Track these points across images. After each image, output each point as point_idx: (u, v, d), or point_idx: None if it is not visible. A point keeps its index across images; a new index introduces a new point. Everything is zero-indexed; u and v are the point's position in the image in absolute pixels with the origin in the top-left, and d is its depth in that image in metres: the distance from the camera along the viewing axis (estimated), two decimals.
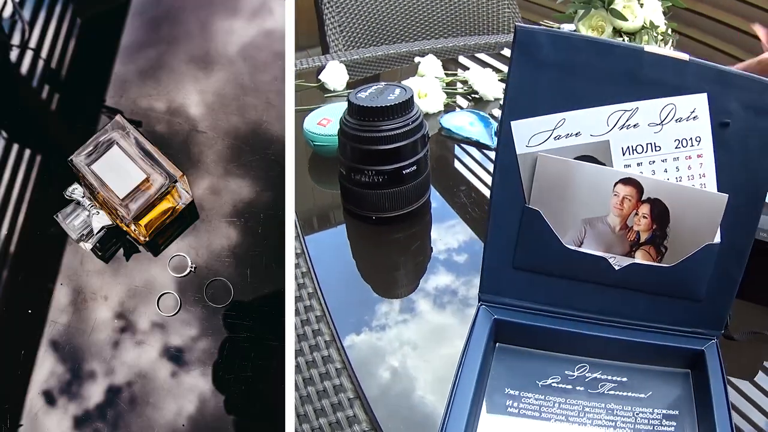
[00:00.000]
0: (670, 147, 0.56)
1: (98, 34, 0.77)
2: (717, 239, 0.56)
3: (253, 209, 0.69)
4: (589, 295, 0.58)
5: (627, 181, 0.56)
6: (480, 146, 0.94)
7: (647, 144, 0.56)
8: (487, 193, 0.79)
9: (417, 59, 1.11)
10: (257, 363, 0.64)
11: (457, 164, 0.95)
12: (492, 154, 0.91)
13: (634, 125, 0.55)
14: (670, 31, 1.00)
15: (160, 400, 0.62)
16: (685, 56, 0.53)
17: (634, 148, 0.56)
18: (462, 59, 1.24)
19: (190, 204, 0.68)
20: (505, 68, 1.13)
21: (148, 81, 0.74)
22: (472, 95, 1.07)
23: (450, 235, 0.78)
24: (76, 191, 0.66)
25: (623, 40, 0.97)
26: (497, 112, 1.02)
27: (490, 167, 0.88)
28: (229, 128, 0.72)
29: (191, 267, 0.66)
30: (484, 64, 1.18)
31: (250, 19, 0.77)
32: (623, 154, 0.56)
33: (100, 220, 0.65)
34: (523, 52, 0.54)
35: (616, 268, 0.57)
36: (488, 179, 0.86)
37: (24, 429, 0.61)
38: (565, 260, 0.58)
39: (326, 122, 0.89)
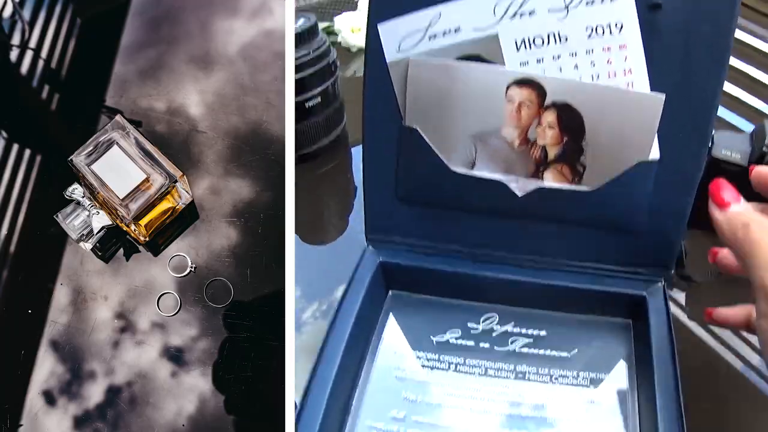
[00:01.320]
0: (580, 37, 0.43)
1: (98, 34, 0.77)
2: (655, 154, 0.44)
3: (253, 209, 0.69)
4: (494, 228, 0.47)
5: (522, 83, 0.44)
6: None
7: (549, 34, 0.44)
8: None
9: None
10: (257, 363, 0.64)
11: None
12: None
13: (530, 12, 0.43)
14: None
15: (160, 400, 0.62)
16: None
17: (531, 40, 0.44)
18: None
19: (190, 204, 0.68)
20: None
21: (148, 81, 0.74)
22: None
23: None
24: (76, 191, 0.66)
25: None
26: None
27: None
28: (229, 128, 0.72)
29: (191, 267, 0.66)
30: None
31: (250, 19, 0.77)
32: (517, 50, 0.44)
33: (100, 220, 0.65)
34: None
35: (519, 193, 0.45)
36: None
37: (24, 429, 0.61)
38: (455, 187, 0.47)
39: None
